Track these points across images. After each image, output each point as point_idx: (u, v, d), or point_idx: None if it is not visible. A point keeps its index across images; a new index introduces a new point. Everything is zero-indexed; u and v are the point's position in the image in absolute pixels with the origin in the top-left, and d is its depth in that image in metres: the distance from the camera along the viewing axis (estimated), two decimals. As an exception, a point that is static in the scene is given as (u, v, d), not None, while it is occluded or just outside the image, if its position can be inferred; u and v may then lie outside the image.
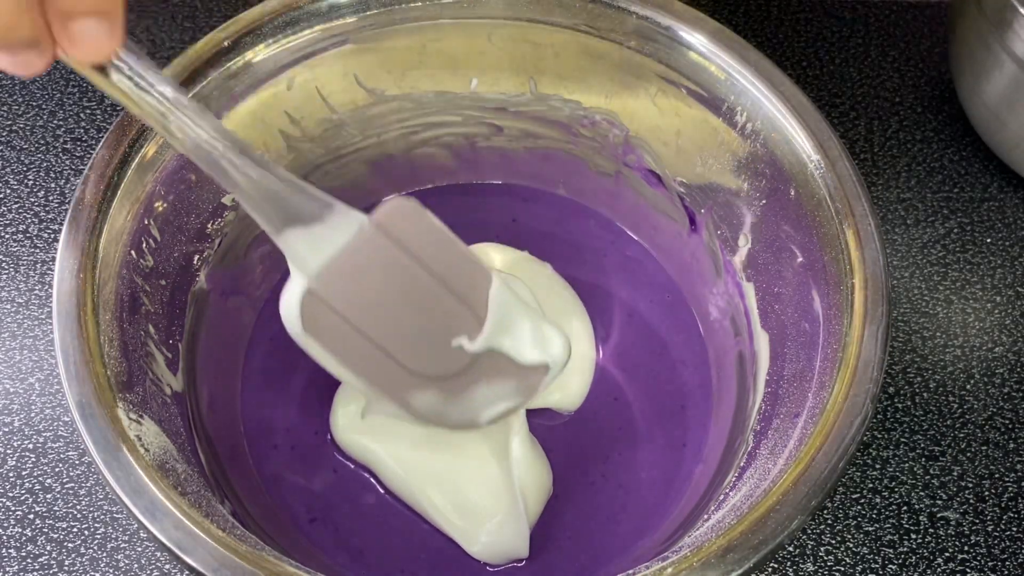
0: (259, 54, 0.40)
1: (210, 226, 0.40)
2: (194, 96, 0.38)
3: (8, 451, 0.46)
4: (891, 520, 0.45)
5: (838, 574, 0.44)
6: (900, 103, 0.59)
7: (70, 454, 0.45)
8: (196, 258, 0.40)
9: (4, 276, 0.51)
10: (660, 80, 0.42)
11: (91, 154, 0.39)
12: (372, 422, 0.42)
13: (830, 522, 0.45)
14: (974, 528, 0.45)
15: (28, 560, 0.43)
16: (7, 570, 0.42)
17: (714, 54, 0.40)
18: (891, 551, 0.44)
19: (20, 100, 0.57)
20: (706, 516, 0.36)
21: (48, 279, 0.51)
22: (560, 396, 0.45)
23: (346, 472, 0.43)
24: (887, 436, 0.47)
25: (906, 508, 0.45)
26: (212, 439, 0.38)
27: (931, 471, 0.46)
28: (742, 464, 0.37)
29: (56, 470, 0.45)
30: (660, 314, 0.48)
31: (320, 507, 0.42)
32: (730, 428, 0.41)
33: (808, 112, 0.38)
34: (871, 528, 0.45)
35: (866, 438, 0.47)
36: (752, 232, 0.41)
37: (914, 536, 0.45)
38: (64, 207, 0.53)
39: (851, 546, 0.44)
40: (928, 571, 0.44)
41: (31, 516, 0.44)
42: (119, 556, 0.43)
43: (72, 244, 0.34)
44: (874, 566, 0.44)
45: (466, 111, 0.46)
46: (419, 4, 0.41)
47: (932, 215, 0.55)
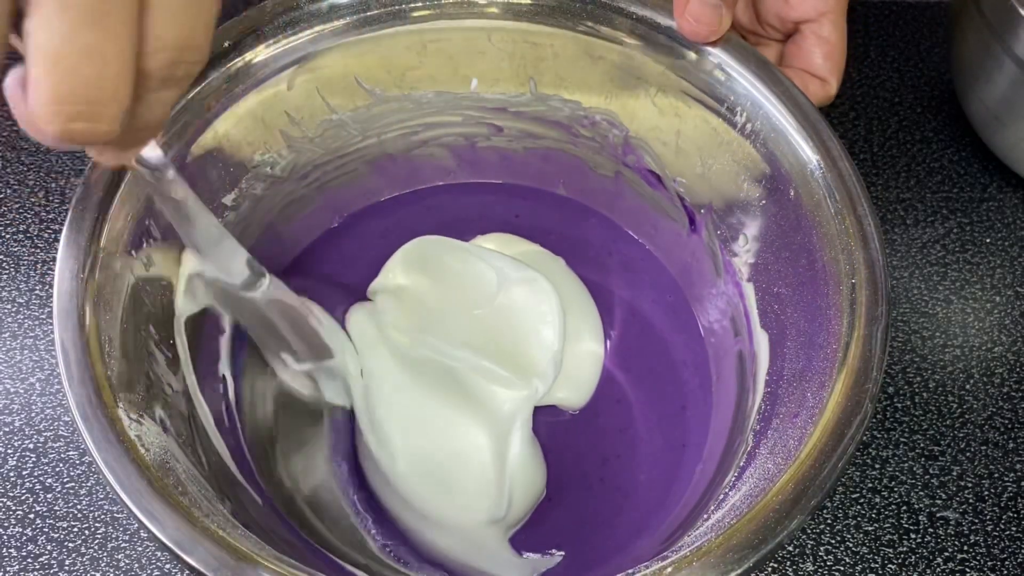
0: (259, 54, 0.40)
1: (210, 226, 0.40)
2: (194, 96, 0.38)
3: (9, 451, 0.46)
4: (891, 520, 0.45)
5: (838, 574, 0.44)
6: (900, 103, 0.59)
7: (71, 454, 0.45)
8: (196, 258, 0.40)
9: (5, 276, 0.51)
10: (660, 80, 0.42)
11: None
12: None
13: (830, 522, 0.45)
14: (973, 528, 0.45)
15: (29, 560, 0.43)
16: (8, 570, 0.43)
17: (714, 54, 0.40)
18: (891, 551, 0.44)
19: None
20: (706, 516, 0.36)
21: (49, 279, 0.51)
22: (566, 394, 0.45)
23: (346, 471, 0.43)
24: (887, 436, 0.47)
25: (906, 508, 0.45)
26: (212, 438, 0.38)
27: (931, 471, 0.46)
28: (742, 464, 0.37)
29: (57, 470, 0.45)
30: (660, 314, 0.48)
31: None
32: (730, 428, 0.41)
33: (808, 112, 0.38)
34: (871, 528, 0.45)
35: (866, 438, 0.47)
36: (752, 232, 0.41)
37: (914, 536, 0.45)
38: (64, 207, 0.53)
39: (851, 546, 0.44)
40: (928, 571, 0.44)
41: (32, 516, 0.44)
42: (119, 556, 0.43)
43: (73, 244, 0.34)
44: (873, 566, 0.44)
45: (466, 111, 0.46)
46: (419, 4, 0.41)
47: (932, 215, 0.55)
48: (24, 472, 0.45)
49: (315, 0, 0.40)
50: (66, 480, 0.45)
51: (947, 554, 0.44)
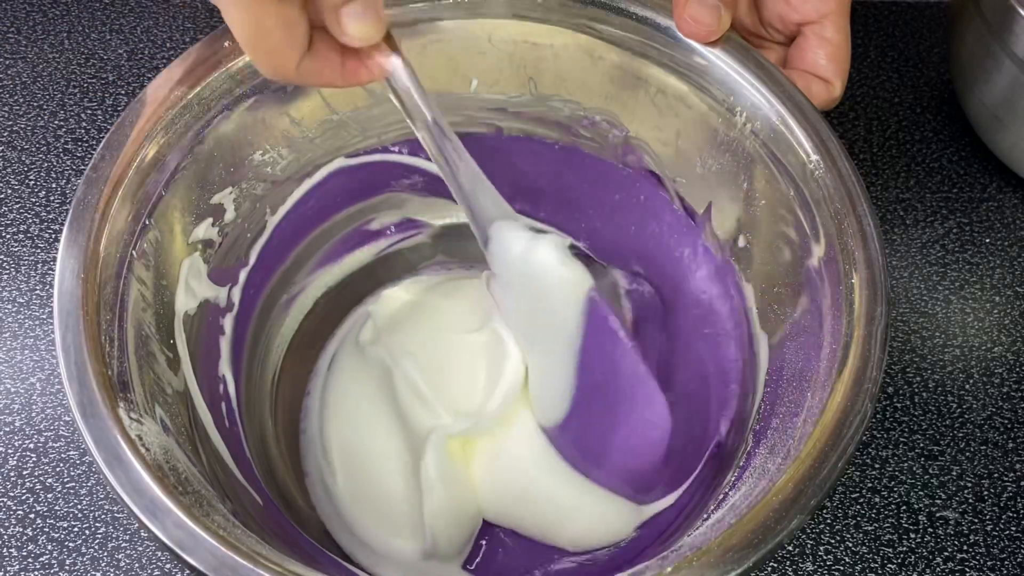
0: (260, 55, 0.40)
1: (210, 226, 0.40)
2: (195, 96, 0.38)
3: (9, 451, 0.46)
4: (890, 519, 0.45)
5: (837, 573, 0.44)
6: (899, 103, 0.59)
7: (71, 454, 0.46)
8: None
9: (5, 276, 0.51)
10: (660, 80, 0.42)
11: (92, 154, 0.39)
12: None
13: (829, 521, 0.45)
14: (973, 527, 0.45)
15: (29, 560, 0.43)
16: (8, 570, 0.43)
17: (714, 54, 0.40)
18: (890, 550, 0.44)
19: (21, 100, 0.58)
20: (706, 516, 0.36)
21: (49, 279, 0.51)
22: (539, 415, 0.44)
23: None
24: (886, 436, 0.47)
25: (905, 507, 0.45)
26: (212, 438, 0.38)
27: (930, 470, 0.46)
28: (742, 464, 0.37)
29: (57, 470, 0.45)
30: (658, 314, 0.48)
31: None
32: (730, 428, 0.41)
33: (808, 112, 0.38)
34: (870, 527, 0.45)
35: (865, 437, 0.47)
36: (752, 232, 0.41)
37: (913, 535, 0.45)
38: (65, 207, 0.53)
39: (850, 545, 0.44)
40: (927, 570, 0.44)
41: (32, 516, 0.44)
42: (120, 556, 0.43)
43: (73, 244, 0.34)
44: (873, 565, 0.44)
45: (466, 111, 0.46)
46: (419, 4, 0.41)
47: (931, 215, 0.55)
48: (24, 472, 0.45)
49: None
50: (66, 480, 0.45)
51: (947, 554, 0.44)
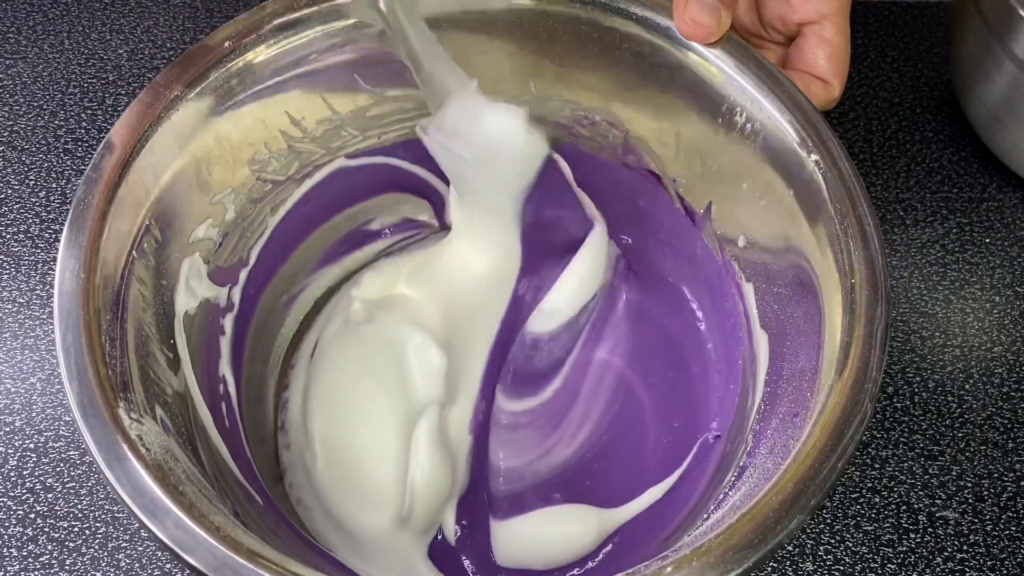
0: (260, 55, 0.40)
1: (211, 226, 0.40)
2: (195, 96, 0.38)
3: (9, 451, 0.46)
4: (890, 519, 0.45)
5: (837, 573, 0.44)
6: (899, 103, 0.59)
7: (71, 454, 0.46)
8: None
9: (5, 276, 0.51)
10: (660, 80, 0.42)
11: (92, 154, 0.39)
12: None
13: (829, 521, 0.45)
14: (973, 527, 0.45)
15: (29, 560, 0.43)
16: (8, 570, 0.43)
17: (714, 54, 0.40)
18: (890, 550, 0.44)
19: (21, 100, 0.58)
20: (706, 515, 0.36)
21: (49, 279, 0.51)
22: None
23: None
24: (886, 436, 0.47)
25: (905, 507, 0.45)
26: (212, 438, 0.38)
27: (930, 471, 0.47)
28: (742, 463, 0.37)
29: (57, 470, 0.45)
30: (659, 314, 0.48)
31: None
32: (730, 428, 0.41)
33: (808, 112, 0.38)
34: (870, 527, 0.45)
35: (865, 437, 0.47)
36: (751, 232, 0.41)
37: (913, 535, 0.45)
38: (65, 207, 0.53)
39: (850, 545, 0.44)
40: (927, 570, 0.44)
41: (32, 516, 0.44)
42: (120, 555, 0.43)
43: (73, 245, 0.34)
44: (873, 565, 0.44)
45: (466, 111, 0.46)
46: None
47: (931, 215, 0.55)
48: (25, 472, 0.45)
49: (315, 1, 0.40)
50: (67, 480, 0.45)
51: (946, 554, 0.44)
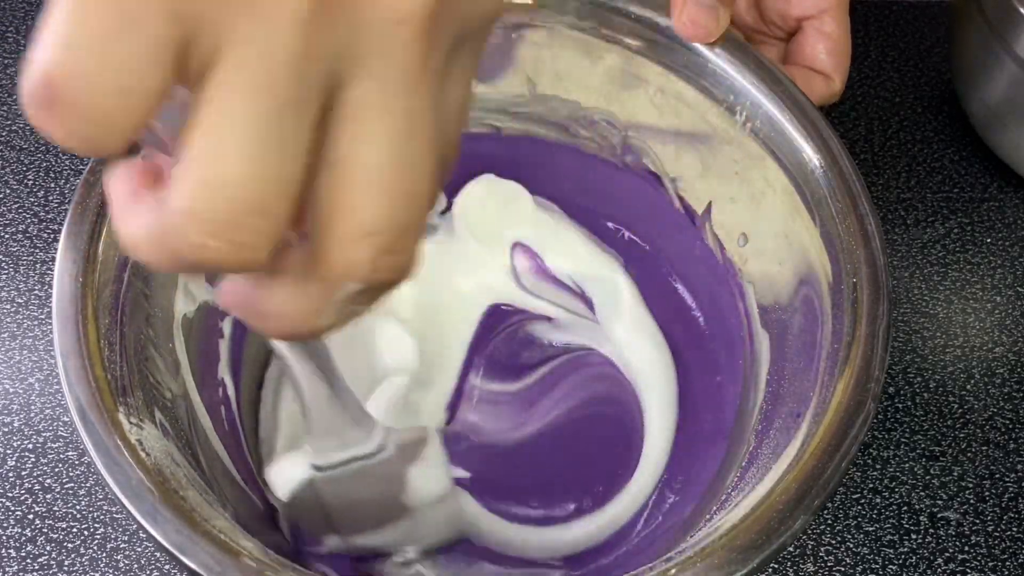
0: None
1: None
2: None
3: (8, 451, 0.45)
4: (891, 520, 0.45)
5: (838, 574, 0.44)
6: (900, 103, 0.59)
7: (70, 454, 0.45)
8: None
9: (4, 276, 0.51)
10: (659, 80, 0.41)
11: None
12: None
13: (830, 522, 0.45)
14: (974, 528, 0.45)
15: (28, 560, 0.43)
16: (7, 570, 0.42)
17: (713, 53, 0.40)
18: (891, 551, 0.44)
19: (20, 100, 0.57)
20: (708, 516, 0.36)
21: (48, 279, 0.51)
22: None
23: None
24: (887, 436, 0.47)
25: (906, 508, 0.45)
26: (212, 442, 0.38)
27: (931, 471, 0.46)
28: (744, 464, 0.37)
29: (56, 470, 0.45)
30: (659, 314, 0.48)
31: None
32: (731, 428, 0.41)
33: (808, 111, 0.38)
34: (871, 528, 0.45)
35: (866, 438, 0.47)
36: (751, 232, 0.41)
37: (914, 536, 0.45)
38: (64, 207, 0.53)
39: (851, 546, 0.44)
40: (928, 571, 0.44)
41: (30, 516, 0.44)
42: (119, 556, 0.43)
43: (72, 247, 0.33)
44: (874, 566, 0.44)
45: (466, 111, 0.45)
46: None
47: (932, 215, 0.55)
48: (23, 472, 0.45)
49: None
50: (65, 480, 0.45)
51: (948, 555, 0.44)
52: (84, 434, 0.30)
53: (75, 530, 0.44)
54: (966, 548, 0.45)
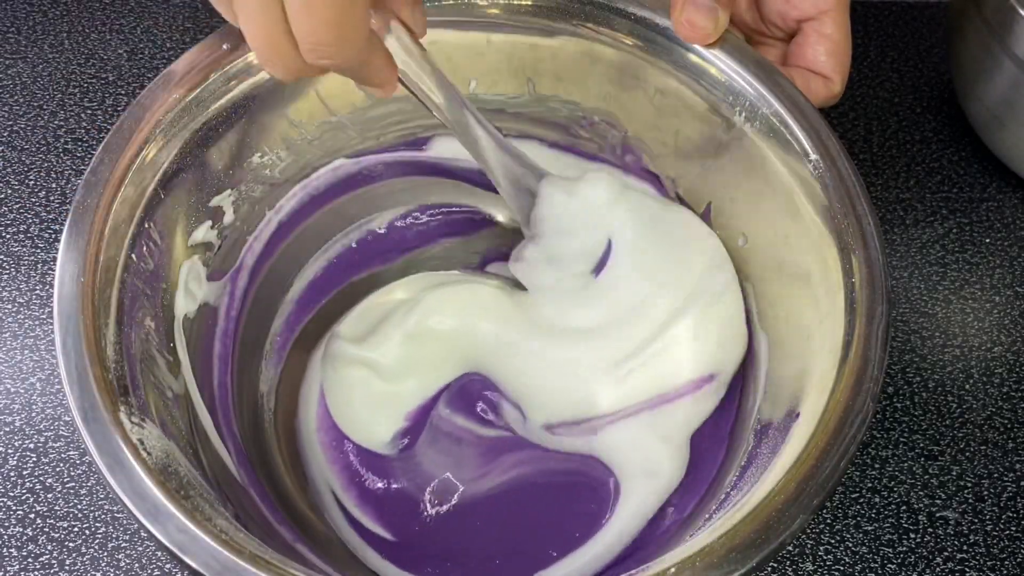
0: (260, 55, 0.40)
1: (210, 229, 0.40)
2: (194, 99, 0.38)
3: (9, 451, 0.46)
4: (890, 519, 0.45)
5: (837, 573, 0.44)
6: (899, 103, 0.59)
7: (71, 454, 0.45)
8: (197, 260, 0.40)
9: (5, 276, 0.51)
10: (659, 81, 0.42)
11: (92, 155, 0.39)
12: None
13: (829, 521, 0.45)
14: (973, 527, 0.45)
15: (29, 560, 0.43)
16: (8, 570, 0.43)
17: (713, 54, 0.40)
18: (890, 550, 0.44)
19: (21, 100, 0.57)
20: (707, 515, 0.36)
21: (49, 279, 0.51)
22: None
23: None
24: (886, 436, 0.47)
25: (905, 507, 0.45)
26: (213, 441, 0.38)
27: (930, 471, 0.47)
28: (743, 463, 0.37)
29: (57, 470, 0.45)
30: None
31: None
32: (731, 428, 0.41)
33: (807, 112, 0.38)
34: (870, 527, 0.45)
35: (865, 437, 0.47)
36: (751, 232, 0.41)
37: (913, 535, 0.45)
38: (65, 207, 0.53)
39: (850, 545, 0.44)
40: (927, 570, 0.44)
41: (32, 516, 0.44)
42: (120, 556, 0.43)
43: (73, 248, 0.34)
44: (873, 565, 0.44)
45: (465, 112, 0.46)
46: (419, 5, 0.41)
47: (931, 215, 0.55)
48: (25, 472, 0.45)
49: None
50: (66, 480, 0.45)
51: (946, 554, 0.44)
52: (85, 434, 0.30)
53: (76, 529, 0.44)
54: (965, 547, 0.45)
